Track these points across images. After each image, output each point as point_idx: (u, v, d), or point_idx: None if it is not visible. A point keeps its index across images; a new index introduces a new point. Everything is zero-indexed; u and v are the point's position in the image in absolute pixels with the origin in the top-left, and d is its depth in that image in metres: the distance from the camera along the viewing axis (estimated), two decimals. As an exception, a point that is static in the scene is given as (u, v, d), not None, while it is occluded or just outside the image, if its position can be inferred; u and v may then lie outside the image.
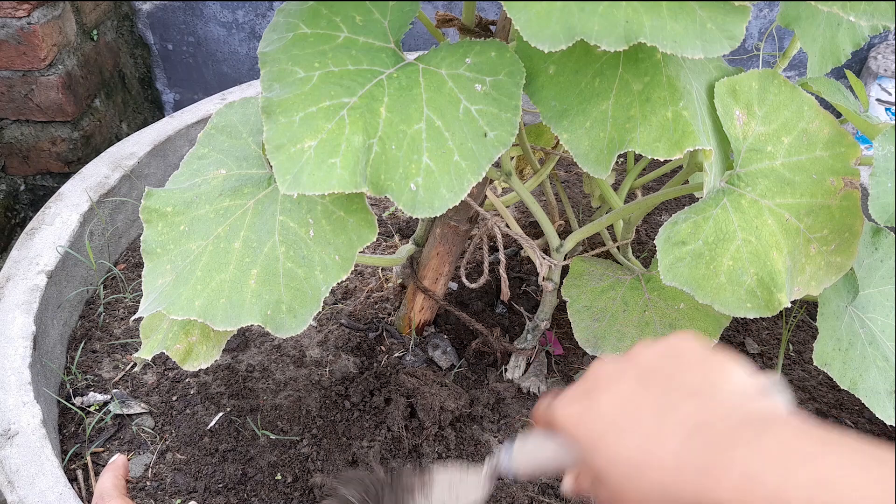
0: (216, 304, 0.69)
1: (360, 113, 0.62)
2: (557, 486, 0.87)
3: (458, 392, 0.95)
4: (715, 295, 0.69)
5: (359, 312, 1.10)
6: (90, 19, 1.62)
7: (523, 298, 1.14)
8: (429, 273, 0.99)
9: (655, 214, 1.35)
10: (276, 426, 0.92)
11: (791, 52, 0.89)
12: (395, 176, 0.61)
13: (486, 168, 0.62)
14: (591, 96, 0.67)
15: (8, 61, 1.42)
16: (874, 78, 1.76)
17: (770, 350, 1.10)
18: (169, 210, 0.75)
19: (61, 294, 1.04)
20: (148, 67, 1.93)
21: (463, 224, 0.94)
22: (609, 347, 0.86)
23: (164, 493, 0.85)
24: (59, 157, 1.56)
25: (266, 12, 1.83)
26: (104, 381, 0.99)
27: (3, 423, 0.82)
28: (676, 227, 0.69)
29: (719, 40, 0.58)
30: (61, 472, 0.78)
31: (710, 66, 0.75)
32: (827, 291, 0.76)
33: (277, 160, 0.61)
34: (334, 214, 0.69)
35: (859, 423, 0.99)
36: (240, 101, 0.83)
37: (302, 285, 0.69)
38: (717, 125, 0.71)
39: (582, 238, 0.93)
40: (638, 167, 1.02)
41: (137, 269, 1.18)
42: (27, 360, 0.89)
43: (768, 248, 0.69)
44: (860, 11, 0.63)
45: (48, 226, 1.08)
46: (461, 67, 0.64)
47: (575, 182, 1.44)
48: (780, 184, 0.71)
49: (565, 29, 0.55)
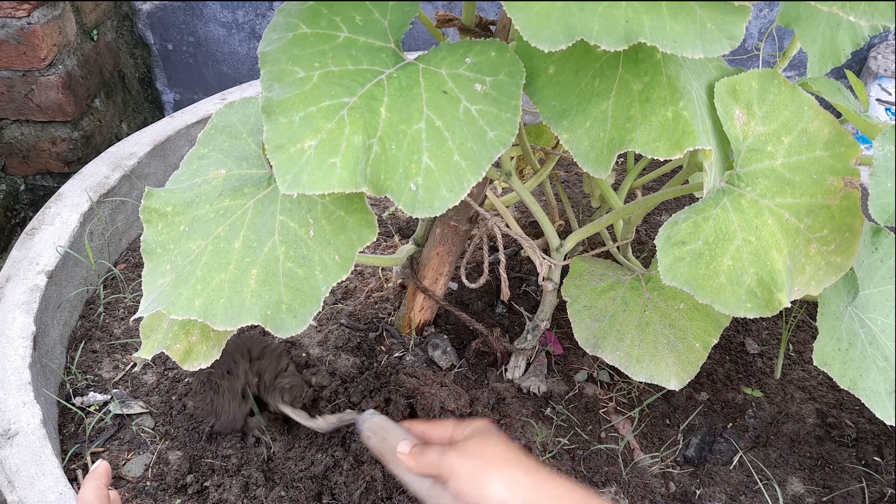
0: (216, 304, 0.69)
1: (360, 113, 0.62)
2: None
3: (458, 392, 0.95)
4: (715, 295, 0.69)
5: (359, 312, 1.10)
6: (90, 19, 1.62)
7: (523, 298, 1.14)
8: (429, 273, 0.99)
9: (655, 214, 1.35)
10: (276, 426, 0.92)
11: (791, 52, 0.89)
12: (395, 176, 0.61)
13: (486, 168, 0.61)
14: (591, 96, 0.67)
15: (8, 61, 1.42)
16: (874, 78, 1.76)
17: (770, 350, 1.10)
18: (169, 210, 0.75)
19: (61, 294, 1.04)
20: (148, 67, 1.93)
21: (463, 224, 0.94)
22: (609, 347, 0.86)
23: (165, 493, 0.85)
24: (59, 157, 1.56)
25: (266, 12, 1.83)
26: (104, 381, 0.99)
27: (3, 423, 0.82)
28: (676, 226, 0.69)
29: (719, 40, 0.58)
30: (61, 472, 0.78)
31: (710, 66, 0.75)
32: (827, 291, 0.76)
33: (277, 160, 0.61)
34: (334, 214, 0.69)
35: (859, 424, 0.99)
36: (240, 101, 0.83)
37: (302, 285, 0.69)
38: (717, 125, 0.71)
39: (582, 238, 0.93)
40: (638, 167, 1.02)
41: (137, 269, 1.18)
42: (27, 360, 0.89)
43: (768, 248, 0.69)
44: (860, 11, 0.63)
45: (48, 226, 1.08)
46: (461, 67, 0.64)
47: (575, 182, 1.44)
48: (780, 184, 0.71)
49: (565, 29, 0.55)
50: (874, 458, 0.95)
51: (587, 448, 0.94)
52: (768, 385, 1.04)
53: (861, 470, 0.93)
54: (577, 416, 0.97)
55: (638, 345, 0.86)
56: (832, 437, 0.97)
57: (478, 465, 0.65)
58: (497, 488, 0.63)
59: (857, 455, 0.95)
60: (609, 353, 0.86)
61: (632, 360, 0.85)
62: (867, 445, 0.96)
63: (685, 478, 0.92)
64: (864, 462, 0.94)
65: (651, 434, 0.96)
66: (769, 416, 0.99)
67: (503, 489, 0.63)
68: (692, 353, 0.85)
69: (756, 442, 0.96)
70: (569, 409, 0.98)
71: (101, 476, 0.67)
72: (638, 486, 0.89)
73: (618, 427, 0.97)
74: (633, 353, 0.86)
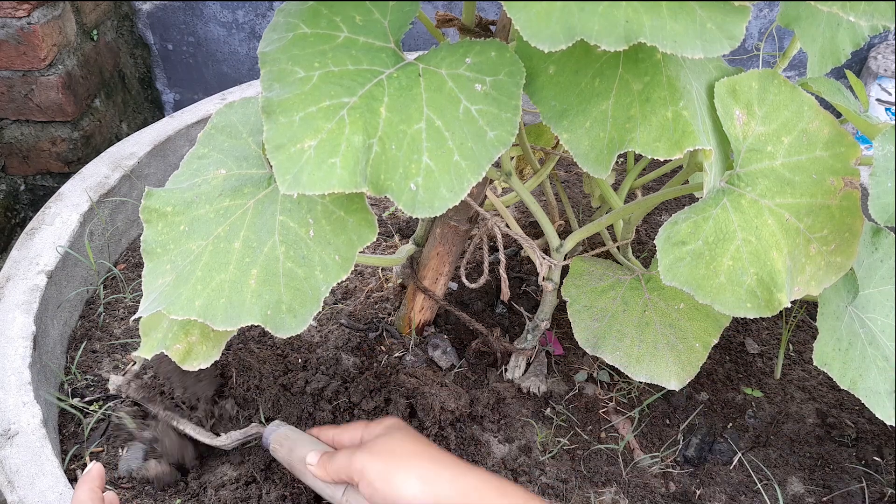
0: (216, 304, 0.69)
1: (360, 113, 0.62)
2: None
3: (458, 392, 0.95)
4: (715, 295, 0.69)
5: (359, 312, 1.10)
6: (90, 19, 1.62)
7: (523, 298, 1.14)
8: (429, 273, 0.99)
9: (655, 214, 1.35)
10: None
11: (791, 52, 0.89)
12: (395, 176, 0.61)
13: (486, 168, 0.61)
14: (591, 96, 0.67)
15: (8, 61, 1.42)
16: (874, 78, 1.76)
17: (770, 350, 1.10)
18: (169, 210, 0.75)
19: (61, 294, 1.04)
20: (148, 67, 1.93)
21: (463, 224, 0.94)
22: (609, 347, 0.86)
23: (164, 493, 0.85)
24: (59, 157, 1.56)
25: (266, 12, 1.83)
26: (104, 381, 0.99)
27: (3, 423, 0.82)
28: (676, 226, 0.69)
29: (719, 40, 0.58)
30: (61, 472, 0.78)
31: (710, 66, 0.75)
32: (827, 291, 0.76)
33: (277, 160, 0.61)
34: (334, 214, 0.69)
35: (859, 424, 0.99)
36: (240, 101, 0.83)
37: (302, 285, 0.69)
38: (717, 125, 0.71)
39: (582, 238, 0.93)
40: (638, 167, 1.02)
41: (137, 269, 1.18)
42: (27, 360, 0.89)
43: (768, 248, 0.69)
44: (860, 11, 0.63)
45: (48, 226, 1.08)
46: (461, 67, 0.64)
47: (575, 182, 1.44)
48: (780, 184, 0.71)
49: (565, 29, 0.55)
50: (874, 458, 0.95)
51: (587, 448, 0.94)
52: (768, 385, 1.04)
53: (861, 470, 0.93)
54: (577, 416, 0.97)
55: (638, 345, 0.86)
56: (832, 437, 0.97)
57: (388, 463, 0.63)
58: (409, 485, 0.61)
59: (857, 455, 0.95)
60: (609, 353, 0.86)
61: (632, 360, 0.85)
62: (867, 445, 0.96)
63: (685, 478, 0.92)
64: (864, 462, 0.94)
65: (651, 434, 0.96)
66: (769, 416, 0.99)
67: (415, 485, 0.61)
68: (692, 353, 0.85)
69: (756, 442, 0.96)
70: (569, 409, 0.98)
71: (96, 478, 0.67)
72: (638, 486, 0.89)
73: (618, 427, 0.97)
74: (633, 353, 0.86)
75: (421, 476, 0.62)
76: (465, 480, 0.62)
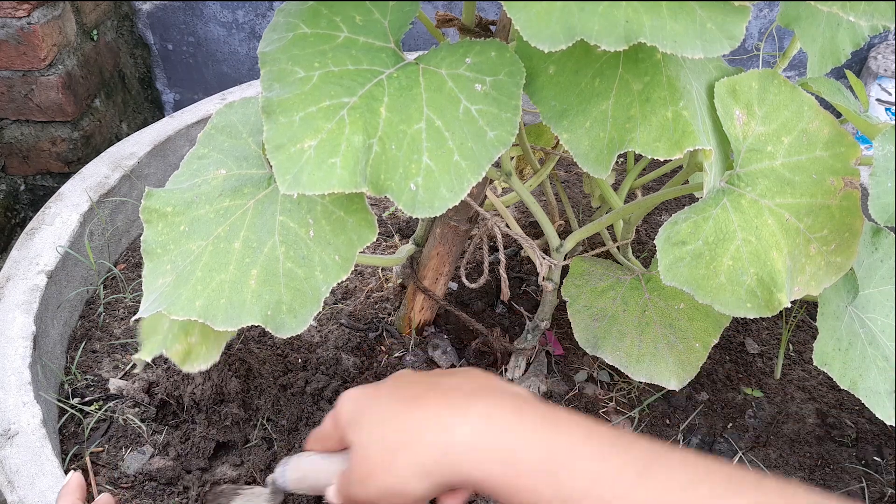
0: (216, 305, 0.69)
1: (360, 113, 0.62)
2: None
3: (458, 392, 0.95)
4: (715, 295, 0.69)
5: (359, 312, 1.10)
6: (90, 19, 1.62)
7: (523, 298, 1.14)
8: (429, 273, 0.99)
9: (655, 214, 1.35)
10: (275, 426, 0.92)
11: (791, 52, 0.88)
12: (395, 176, 0.61)
13: (486, 168, 0.61)
14: (591, 96, 0.67)
15: (8, 61, 1.42)
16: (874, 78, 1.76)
17: (770, 350, 1.10)
18: (169, 210, 0.75)
19: (61, 294, 1.04)
20: (148, 67, 1.93)
21: (463, 224, 0.94)
22: (609, 347, 0.86)
23: (164, 493, 0.85)
24: (59, 157, 1.56)
25: (266, 12, 1.83)
26: (104, 381, 0.99)
27: (3, 423, 0.82)
28: (676, 227, 0.69)
29: (719, 40, 0.58)
30: (61, 473, 0.78)
31: (710, 66, 0.75)
32: (827, 291, 0.76)
33: (277, 160, 0.61)
34: (334, 214, 0.69)
35: (859, 423, 0.99)
36: (240, 101, 0.83)
37: (302, 285, 0.69)
38: (717, 125, 0.71)
39: (582, 238, 0.93)
40: (638, 167, 1.02)
41: (137, 269, 1.18)
42: (27, 360, 0.89)
43: (768, 248, 0.69)
44: (860, 11, 0.63)
45: (48, 226, 1.08)
46: (461, 67, 0.64)
47: (575, 182, 1.44)
48: (780, 184, 0.71)
49: (565, 29, 0.55)
50: (874, 458, 0.95)
51: (587, 448, 0.94)
52: (768, 385, 1.04)
53: (861, 470, 0.93)
54: (577, 416, 0.97)
55: (638, 345, 0.86)
56: (832, 437, 0.97)
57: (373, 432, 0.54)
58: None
59: (857, 455, 0.95)
60: (609, 353, 0.86)
61: (632, 360, 0.85)
62: (867, 445, 0.96)
63: (685, 478, 0.92)
64: (864, 462, 0.94)
65: (651, 434, 0.96)
66: (769, 416, 0.99)
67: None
68: (692, 353, 0.85)
69: (756, 442, 0.96)
70: (569, 409, 0.98)
71: (75, 490, 0.64)
72: (638, 486, 0.89)
73: (618, 427, 0.97)
74: (633, 353, 0.86)
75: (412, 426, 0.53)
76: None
